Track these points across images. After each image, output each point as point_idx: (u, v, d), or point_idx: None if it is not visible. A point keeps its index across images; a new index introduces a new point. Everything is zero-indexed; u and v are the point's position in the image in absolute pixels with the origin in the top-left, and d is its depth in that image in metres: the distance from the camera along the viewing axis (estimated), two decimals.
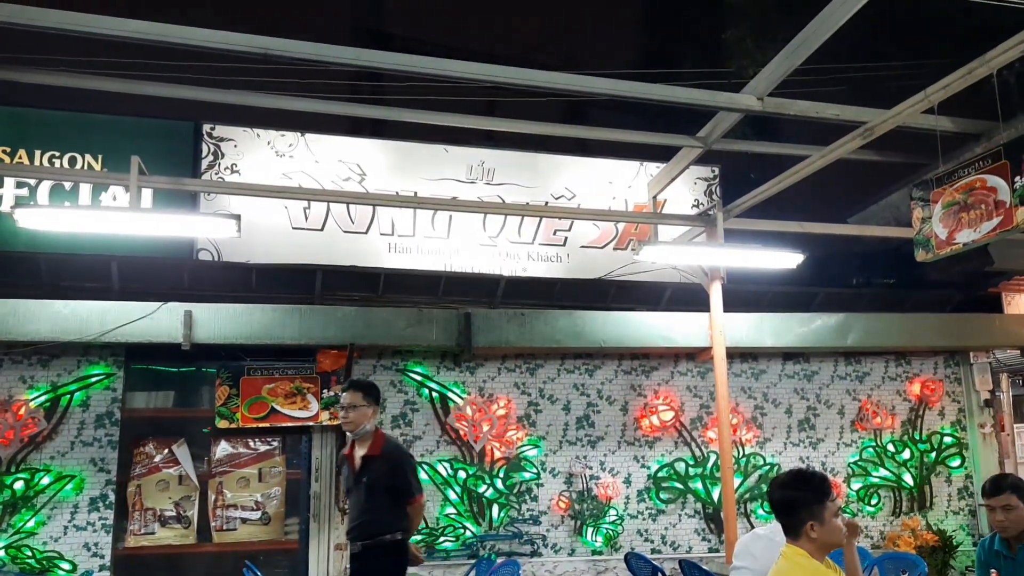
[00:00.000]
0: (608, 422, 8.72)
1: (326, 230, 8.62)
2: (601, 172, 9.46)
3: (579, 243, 9.24)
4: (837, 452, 9.13)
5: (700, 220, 8.11)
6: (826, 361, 9.29)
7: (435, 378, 8.41)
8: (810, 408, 9.19)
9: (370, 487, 5.06)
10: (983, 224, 4.81)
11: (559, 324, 8.36)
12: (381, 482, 5.02)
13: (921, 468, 9.23)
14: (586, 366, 8.78)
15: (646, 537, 8.56)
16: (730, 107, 6.07)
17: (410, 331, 8.07)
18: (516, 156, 9.25)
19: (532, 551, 8.28)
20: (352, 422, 5.09)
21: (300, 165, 8.67)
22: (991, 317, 9.31)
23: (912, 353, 9.44)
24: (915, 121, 6.11)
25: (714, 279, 7.91)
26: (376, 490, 5.04)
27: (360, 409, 5.09)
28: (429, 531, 8.07)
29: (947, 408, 9.49)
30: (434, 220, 8.85)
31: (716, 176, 9.68)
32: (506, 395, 8.52)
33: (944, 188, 5.18)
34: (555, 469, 8.51)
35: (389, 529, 5.02)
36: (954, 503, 9.28)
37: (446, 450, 8.31)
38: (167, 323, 7.48)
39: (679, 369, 8.97)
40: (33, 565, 7.25)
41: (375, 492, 5.04)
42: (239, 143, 8.58)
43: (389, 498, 5.03)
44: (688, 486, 8.72)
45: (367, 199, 8.35)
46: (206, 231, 7.24)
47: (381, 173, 8.84)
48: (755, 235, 7.82)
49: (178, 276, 8.11)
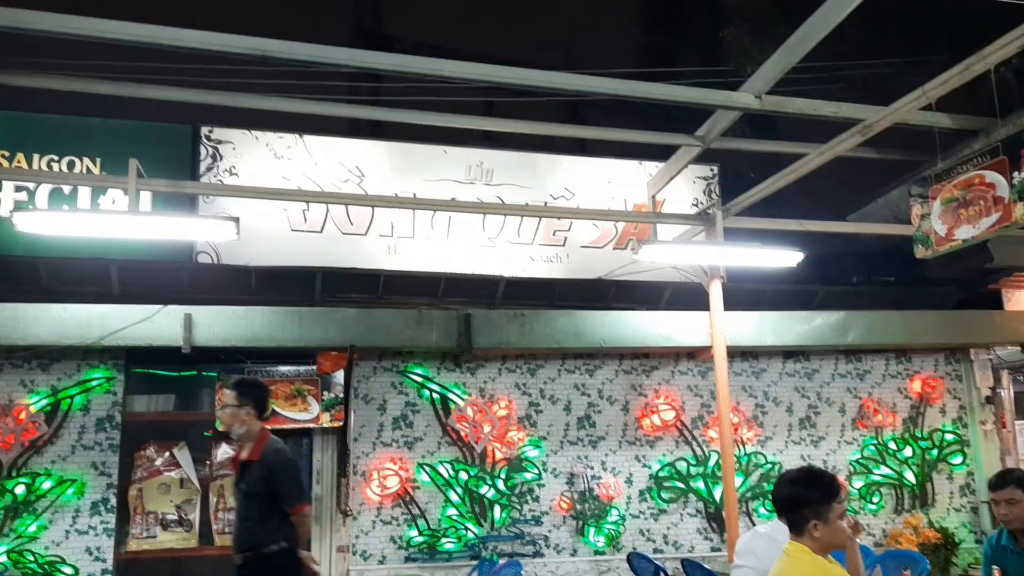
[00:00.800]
0: (609, 422, 8.71)
1: (325, 232, 8.62)
2: (600, 172, 9.46)
3: (579, 243, 9.23)
4: (838, 450, 9.13)
5: (699, 219, 8.10)
6: (827, 359, 9.28)
7: (436, 379, 8.41)
8: (811, 406, 9.18)
9: (247, 494, 4.78)
10: (982, 220, 4.81)
11: (559, 324, 8.35)
12: (258, 489, 4.72)
13: (923, 465, 9.22)
14: (587, 366, 8.78)
15: (648, 537, 8.55)
16: (728, 105, 6.07)
17: (410, 332, 8.07)
18: (515, 156, 9.25)
19: (534, 551, 8.27)
20: (224, 422, 4.84)
21: (299, 167, 8.66)
22: (991, 314, 9.31)
23: (913, 350, 9.43)
24: (913, 118, 6.11)
25: (714, 278, 7.90)
26: (253, 498, 4.75)
27: (230, 410, 4.80)
28: (431, 532, 8.07)
29: (948, 405, 9.48)
30: (433, 221, 8.84)
31: (715, 175, 9.68)
32: (507, 396, 8.52)
33: (943, 184, 5.18)
34: (556, 469, 8.50)
35: (269, 539, 4.67)
36: (956, 500, 9.27)
37: (447, 451, 8.30)
38: (167, 326, 7.48)
39: (680, 368, 8.96)
40: (35, 569, 7.25)
41: (253, 500, 4.76)
42: (237, 145, 8.58)
43: (268, 506, 4.70)
44: (690, 485, 8.71)
45: (366, 200, 8.35)
46: (205, 234, 7.24)
47: (380, 174, 8.84)
48: (755, 234, 7.82)
49: (178, 279, 8.11)
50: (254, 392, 4.90)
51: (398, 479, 8.10)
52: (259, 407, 4.88)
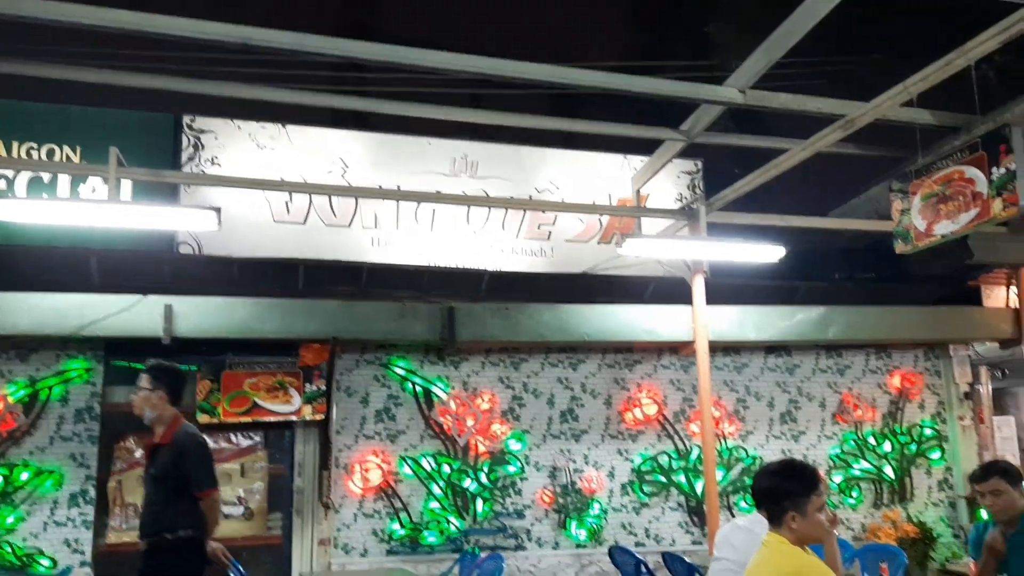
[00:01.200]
0: (592, 416, 8.73)
1: (308, 223, 8.57)
2: (585, 166, 9.46)
3: (563, 237, 9.23)
4: (818, 445, 9.19)
5: (683, 214, 8.12)
6: (807, 354, 9.34)
7: (419, 372, 8.39)
8: (792, 401, 9.24)
9: (156, 478, 4.74)
10: (961, 215, 4.85)
11: (543, 318, 8.36)
12: (166, 473, 4.68)
13: (901, 460, 9.30)
14: (570, 360, 8.79)
15: (630, 530, 8.58)
16: (712, 99, 6.09)
17: (393, 325, 8.05)
18: (500, 149, 9.22)
19: (516, 545, 8.28)
20: (135, 406, 4.82)
21: (282, 157, 8.60)
22: (970, 310, 9.40)
23: (892, 346, 9.51)
24: (895, 114, 6.16)
25: (697, 273, 7.93)
26: (161, 482, 4.71)
27: (143, 393, 4.79)
28: (414, 526, 8.06)
29: (927, 401, 9.56)
30: (417, 214, 8.82)
31: (699, 170, 9.69)
32: (490, 389, 8.51)
33: (923, 180, 5.21)
34: (539, 463, 8.51)
35: (176, 525, 4.63)
36: (934, 495, 9.35)
37: (430, 444, 8.29)
38: (147, 317, 7.42)
39: (662, 363, 8.99)
40: (13, 561, 7.18)
41: (160, 484, 4.72)
42: (220, 135, 8.51)
43: (175, 491, 4.66)
44: (671, 479, 8.75)
45: (349, 192, 8.32)
46: (186, 224, 7.16)
47: (364, 166, 8.80)
48: (738, 229, 7.85)
49: (158, 270, 8.05)
50: (167, 377, 4.87)
51: (380, 472, 8.08)
52: (172, 392, 4.86)
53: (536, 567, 8.29)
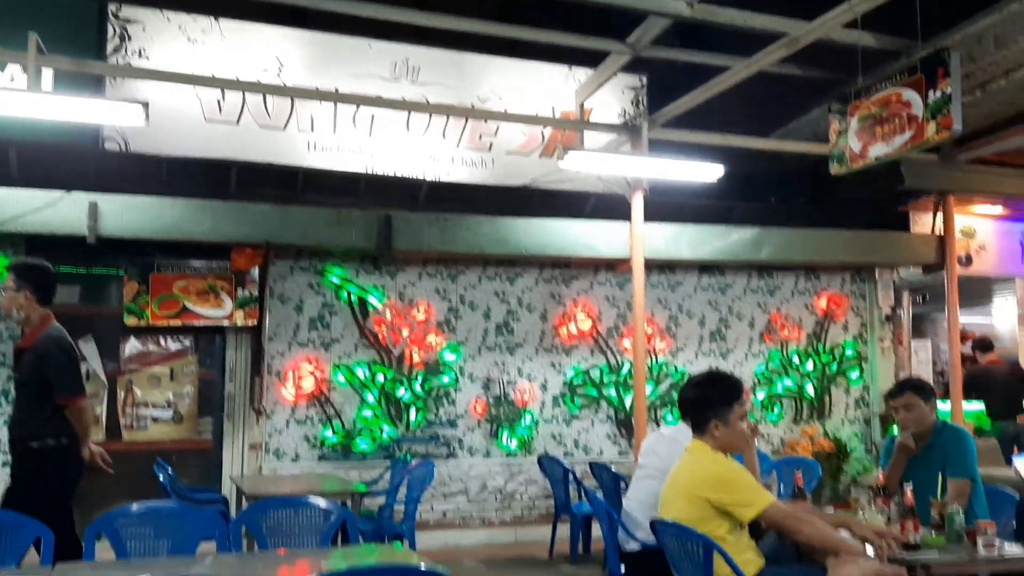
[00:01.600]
0: (527, 329, 8.81)
1: (242, 124, 8.25)
2: (530, 76, 9.26)
3: (505, 149, 9.10)
4: (745, 363, 9.47)
5: (626, 129, 8.08)
6: (740, 275, 9.53)
7: (354, 281, 8.32)
8: (722, 320, 9.46)
9: (19, 383, 4.58)
10: (896, 138, 4.91)
11: (482, 230, 8.30)
12: (28, 378, 4.49)
13: (822, 379, 9.67)
14: (507, 274, 8.80)
15: (559, 441, 8.79)
16: (660, 11, 6.00)
17: (328, 232, 7.91)
18: (443, 55, 8.94)
19: (448, 453, 8.42)
20: (2, 307, 4.62)
21: (213, 53, 8.20)
22: (897, 235, 9.66)
23: (822, 268, 9.76)
24: (838, 35, 6.16)
25: (636, 189, 7.95)
26: (23, 387, 4.55)
27: (9, 293, 4.56)
28: (346, 433, 8.11)
29: (850, 322, 9.90)
30: (356, 118, 8.56)
31: (644, 86, 9.59)
32: (426, 300, 8.50)
33: (861, 101, 5.25)
34: (473, 374, 8.60)
35: (41, 433, 4.43)
36: (851, 412, 9.78)
37: (364, 353, 8.28)
38: (71, 214, 7.14)
39: (598, 280, 9.07)
40: None
41: (22, 390, 4.56)
42: (148, 26, 8.05)
43: (38, 398, 4.46)
44: (602, 393, 8.94)
45: (284, 92, 8.01)
46: (112, 118, 6.82)
47: (300, 66, 8.46)
48: (680, 148, 7.83)
49: (83, 166, 7.70)
50: (33, 275, 4.64)
51: (314, 380, 8.06)
52: (40, 291, 4.62)
53: (467, 474, 8.46)
